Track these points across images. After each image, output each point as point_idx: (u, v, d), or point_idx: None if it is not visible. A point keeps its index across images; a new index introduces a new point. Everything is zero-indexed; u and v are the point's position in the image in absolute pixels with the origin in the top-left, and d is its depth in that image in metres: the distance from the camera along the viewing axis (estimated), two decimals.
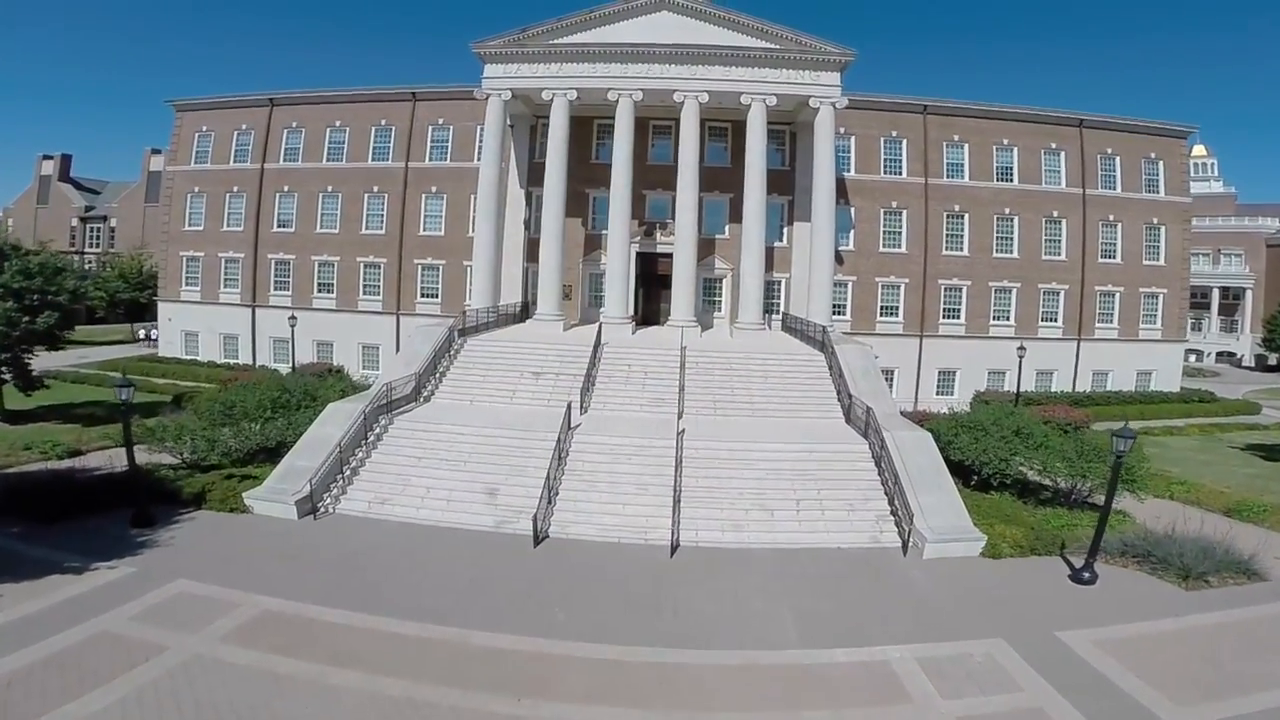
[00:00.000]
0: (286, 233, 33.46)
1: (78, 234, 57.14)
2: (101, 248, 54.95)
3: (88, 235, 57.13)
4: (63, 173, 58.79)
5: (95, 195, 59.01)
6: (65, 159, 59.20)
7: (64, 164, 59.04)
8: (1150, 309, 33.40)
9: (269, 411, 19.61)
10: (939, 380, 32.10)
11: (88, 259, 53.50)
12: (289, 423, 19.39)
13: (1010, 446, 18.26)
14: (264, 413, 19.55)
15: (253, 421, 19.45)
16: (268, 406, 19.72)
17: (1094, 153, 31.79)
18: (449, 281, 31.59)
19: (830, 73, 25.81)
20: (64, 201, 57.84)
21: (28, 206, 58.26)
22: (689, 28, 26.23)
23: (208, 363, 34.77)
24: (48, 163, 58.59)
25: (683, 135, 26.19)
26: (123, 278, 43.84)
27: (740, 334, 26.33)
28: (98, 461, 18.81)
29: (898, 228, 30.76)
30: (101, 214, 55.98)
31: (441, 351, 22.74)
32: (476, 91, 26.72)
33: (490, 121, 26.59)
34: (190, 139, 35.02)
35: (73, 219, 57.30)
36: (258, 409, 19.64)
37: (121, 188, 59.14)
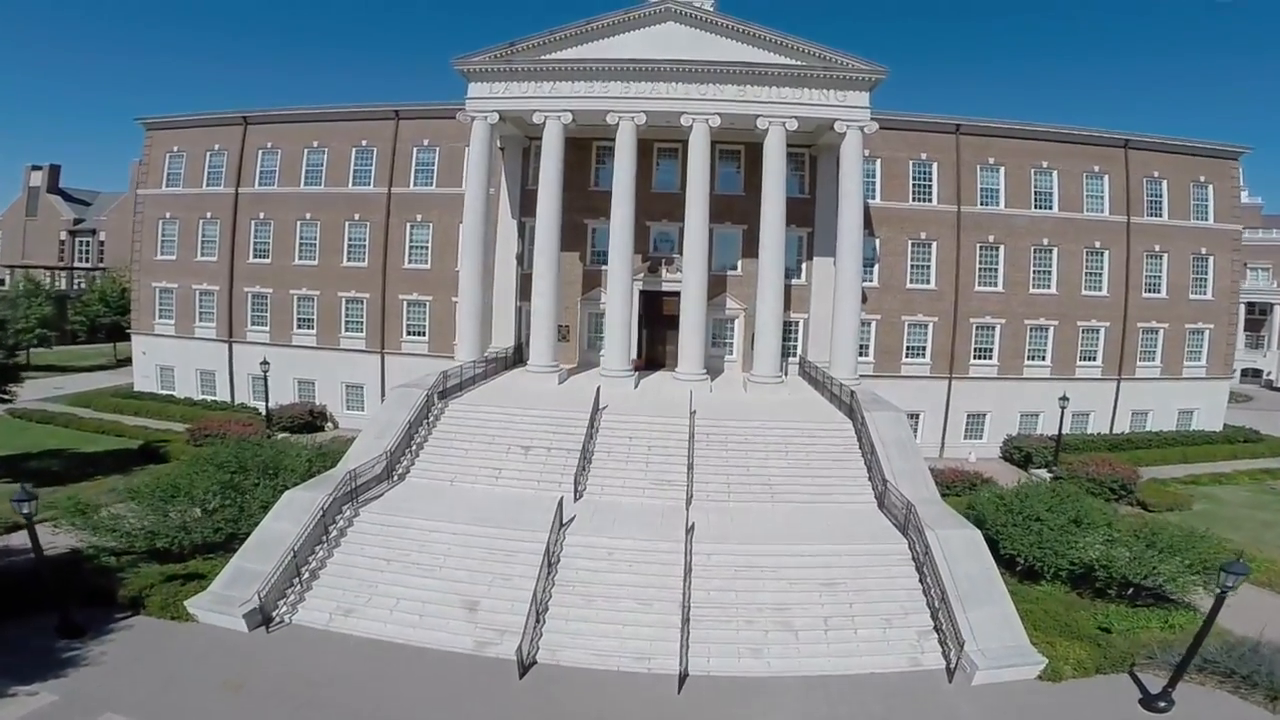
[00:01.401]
0: (263, 264, 29.79)
1: (66, 247, 53.47)
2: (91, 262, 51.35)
3: (77, 249, 53.47)
4: (51, 184, 54.99)
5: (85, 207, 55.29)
6: (54, 170, 55.37)
7: (52, 175, 55.21)
8: (1195, 345, 29.63)
9: (217, 498, 16.32)
10: (968, 423, 28.49)
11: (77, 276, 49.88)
12: (241, 509, 16.18)
13: (1069, 539, 15.30)
14: (212, 499, 16.27)
15: (198, 508, 16.10)
16: (216, 492, 16.41)
17: (1140, 176, 27.82)
18: (437, 318, 27.96)
19: (858, 92, 21.89)
20: (53, 214, 54.13)
21: (16, 218, 54.61)
22: (699, 41, 22.31)
23: (184, 399, 31.32)
24: (36, 173, 54.78)
25: (691, 163, 22.38)
26: (104, 301, 40.32)
27: (755, 388, 22.71)
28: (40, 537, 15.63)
29: (926, 261, 26.94)
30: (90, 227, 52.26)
31: (419, 419, 19.19)
32: (460, 114, 22.90)
33: (475, 147, 22.80)
34: (161, 160, 31.25)
35: (61, 232, 53.60)
36: (205, 495, 16.32)
37: (112, 199, 55.32)
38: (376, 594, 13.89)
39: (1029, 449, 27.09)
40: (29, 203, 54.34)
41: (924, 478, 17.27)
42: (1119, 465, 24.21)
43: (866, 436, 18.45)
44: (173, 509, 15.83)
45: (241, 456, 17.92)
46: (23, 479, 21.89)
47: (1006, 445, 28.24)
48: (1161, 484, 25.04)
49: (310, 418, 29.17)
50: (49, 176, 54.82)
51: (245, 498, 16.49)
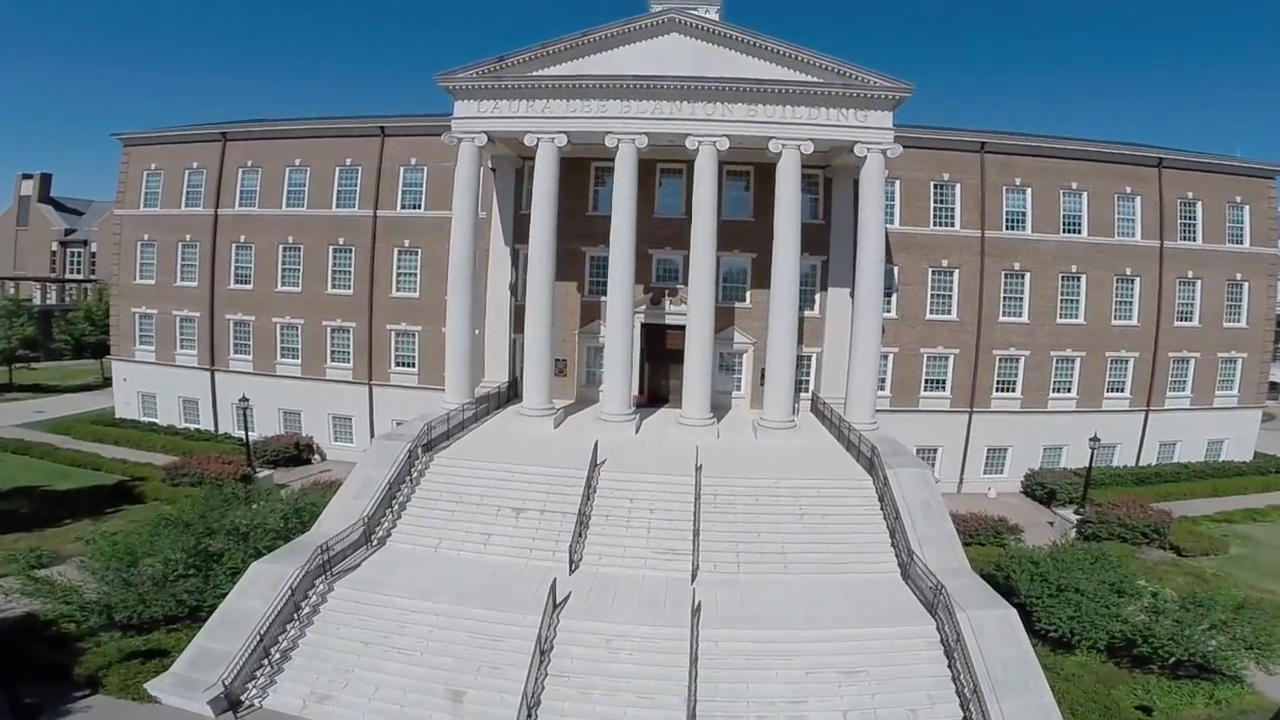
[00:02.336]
0: (244, 290, 27.55)
1: (58, 258, 51.21)
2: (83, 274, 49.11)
3: (68, 260, 51.19)
4: (42, 193, 52.66)
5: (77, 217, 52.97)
6: (45, 178, 53.00)
7: (44, 184, 52.86)
8: (1228, 374, 27.39)
9: (181, 565, 14.56)
10: (988, 458, 26.31)
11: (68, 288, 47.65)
12: (206, 578, 14.51)
13: (1109, 610, 14.05)
14: (175, 567, 14.50)
15: (158, 584, 14.26)
16: (179, 560, 14.62)
17: (1174, 198, 25.44)
18: (427, 349, 25.73)
19: (880, 111, 19.52)
20: (44, 224, 51.83)
21: (8, 228, 52.29)
22: (705, 55, 19.94)
23: (166, 428, 29.21)
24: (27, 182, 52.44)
25: (697, 191, 20.04)
26: (89, 319, 38.13)
27: (766, 435, 20.47)
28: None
29: (948, 290, 24.62)
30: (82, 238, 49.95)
31: (401, 476, 17.08)
32: (445, 136, 20.58)
33: (463, 173, 20.50)
34: (139, 177, 28.95)
35: (53, 243, 51.31)
36: (166, 565, 14.53)
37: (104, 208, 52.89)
38: (354, 679, 12.46)
39: (1052, 485, 24.97)
40: (20, 212, 52.06)
41: (952, 545, 15.28)
42: (1150, 507, 22.10)
43: (889, 498, 16.36)
44: (132, 579, 14.10)
45: (209, 518, 15.89)
46: None
47: (1028, 480, 26.10)
48: (1193, 523, 23.11)
49: (296, 450, 27.09)
50: (40, 185, 52.50)
51: (212, 566, 14.77)
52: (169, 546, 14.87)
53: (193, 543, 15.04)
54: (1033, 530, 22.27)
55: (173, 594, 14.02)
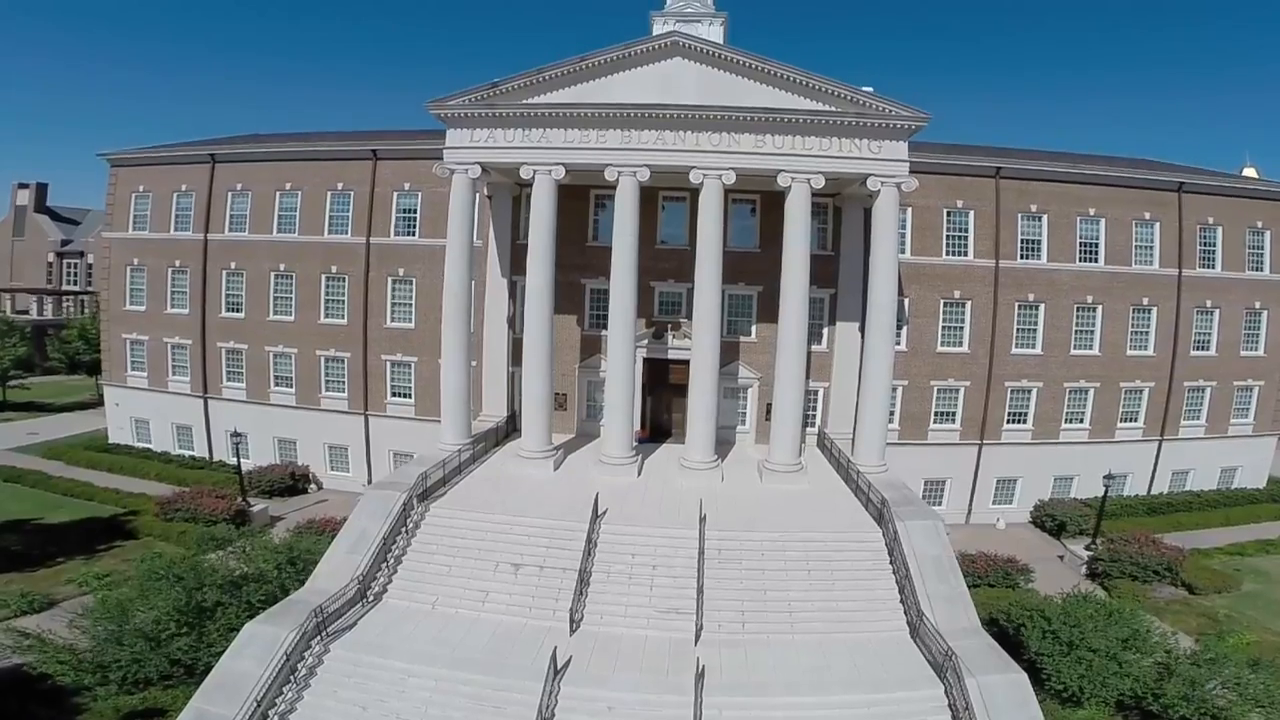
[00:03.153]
0: (236, 318, 26.38)
1: (54, 270, 49.89)
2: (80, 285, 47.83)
3: (65, 271, 49.88)
4: (38, 203, 51.25)
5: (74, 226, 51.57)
6: (41, 188, 51.52)
7: (39, 193, 51.41)
8: (1243, 402, 26.30)
9: (173, 625, 13.89)
10: (997, 489, 25.30)
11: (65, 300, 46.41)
12: (200, 636, 13.85)
13: (1122, 670, 13.53)
14: (168, 625, 13.85)
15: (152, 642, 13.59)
16: (172, 617, 13.93)
17: (1193, 223, 24.19)
18: (423, 380, 24.60)
19: (895, 142, 18.24)
20: (40, 234, 50.46)
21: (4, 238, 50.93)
22: (710, 81, 18.64)
23: (161, 454, 28.18)
24: (23, 192, 50.98)
25: (702, 226, 18.81)
26: (83, 338, 36.95)
27: (772, 479, 19.39)
28: None
29: (959, 322, 23.44)
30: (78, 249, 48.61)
31: (396, 528, 16.08)
32: (437, 167, 19.32)
33: (456, 206, 19.26)
34: (127, 200, 27.67)
35: (49, 254, 49.98)
36: (158, 625, 13.83)
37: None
38: None
39: (1062, 517, 24.00)
40: (16, 222, 50.67)
41: (964, 603, 14.45)
42: (1163, 544, 21.18)
43: (899, 552, 15.42)
44: (125, 638, 13.50)
45: (199, 572, 15.04)
46: None
47: (1038, 511, 25.11)
48: (1205, 556, 22.29)
49: (292, 480, 26.09)
50: (36, 195, 51.05)
51: (205, 622, 14.08)
52: (161, 602, 14.09)
53: (185, 599, 14.21)
54: (1042, 566, 21.37)
55: (166, 653, 13.36)
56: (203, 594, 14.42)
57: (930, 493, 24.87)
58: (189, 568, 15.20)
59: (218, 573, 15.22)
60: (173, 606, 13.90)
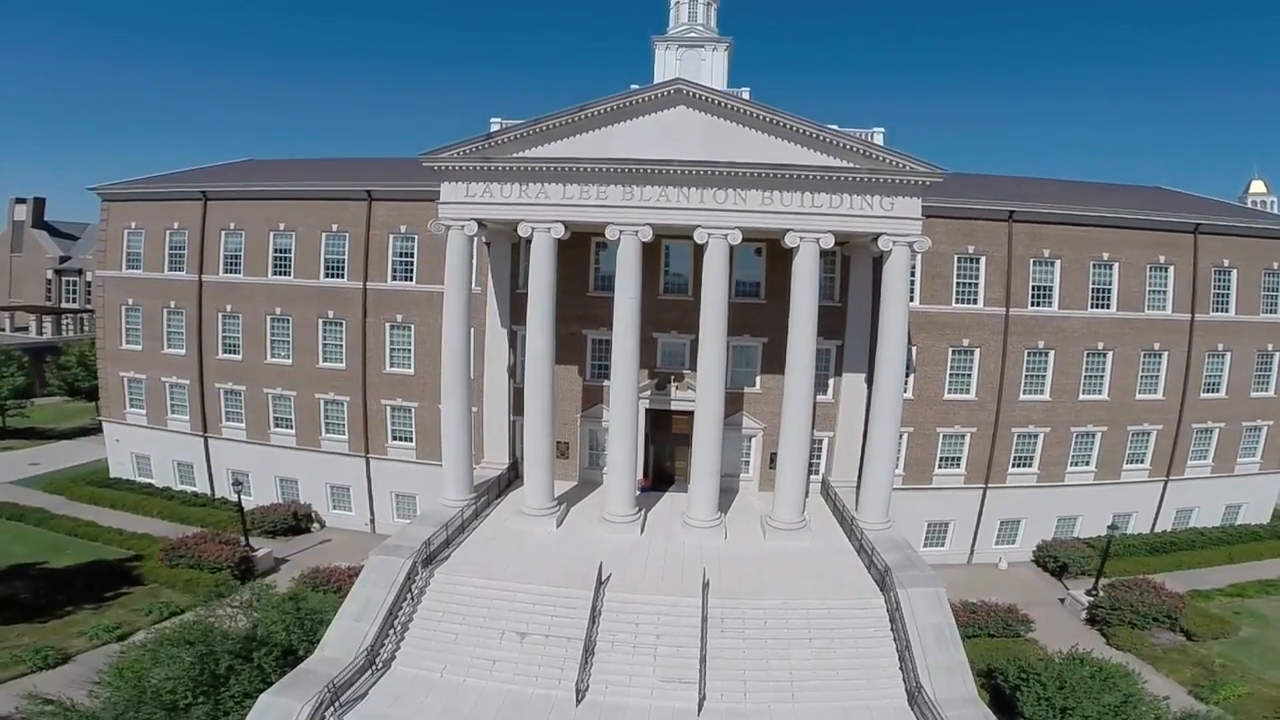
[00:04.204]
0: (234, 360, 25.50)
1: (53, 287, 48.75)
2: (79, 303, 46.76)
3: (64, 288, 48.75)
4: (36, 218, 49.91)
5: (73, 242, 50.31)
6: (39, 203, 50.16)
7: (37, 208, 50.05)
8: (1251, 442, 25.58)
9: (190, 695, 13.67)
10: (1000, 530, 24.68)
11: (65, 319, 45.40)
12: (216, 704, 13.68)
13: None
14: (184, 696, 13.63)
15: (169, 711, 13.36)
16: (189, 688, 13.66)
17: (1208, 266, 23.19)
18: (423, 425, 23.82)
19: (908, 198, 17.23)
20: (38, 251, 49.23)
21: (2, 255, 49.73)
22: (716, 132, 17.56)
23: (163, 490, 27.53)
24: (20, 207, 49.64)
25: (706, 285, 17.88)
26: (82, 364, 36.03)
27: (775, 536, 18.77)
28: None
29: (968, 369, 22.57)
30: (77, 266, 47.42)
31: (401, 595, 15.77)
32: (431, 225, 18.31)
33: (453, 262, 18.32)
34: (119, 237, 26.61)
35: (48, 271, 48.81)
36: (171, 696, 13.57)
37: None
38: None
39: (1064, 558, 23.46)
40: (14, 238, 49.39)
41: (963, 673, 14.48)
42: (1164, 591, 20.73)
43: (900, 620, 15.21)
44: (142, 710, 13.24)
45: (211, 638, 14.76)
46: None
47: (1040, 551, 24.55)
48: (1205, 598, 21.96)
49: (295, 520, 25.47)
50: (34, 210, 49.69)
51: (219, 689, 13.86)
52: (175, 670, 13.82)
53: (198, 667, 13.97)
54: (1043, 610, 20.98)
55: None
56: (215, 659, 14.22)
57: (933, 535, 24.31)
58: (201, 632, 14.96)
59: (229, 638, 14.97)
60: (187, 675, 13.63)
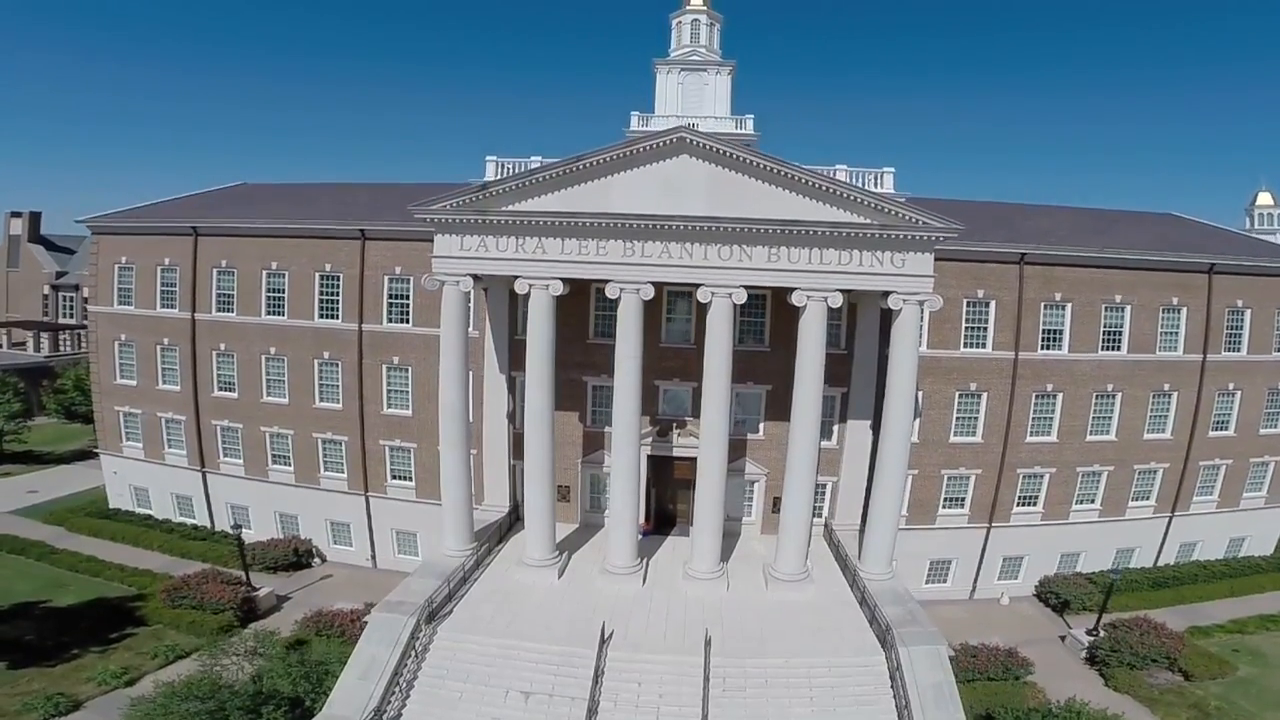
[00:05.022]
0: (230, 398, 24.82)
1: (50, 302, 47.82)
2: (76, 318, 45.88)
3: (60, 304, 47.82)
4: (32, 233, 48.81)
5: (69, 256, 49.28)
6: (34, 217, 48.98)
7: (33, 222, 48.90)
8: (1258, 477, 25.03)
9: None
10: (1003, 566, 24.24)
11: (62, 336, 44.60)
12: None
13: None
14: None
15: None
16: None
17: (1222, 307, 22.41)
18: (423, 465, 23.24)
19: (920, 254, 16.47)
20: (35, 265, 48.23)
21: None
22: (721, 183, 16.73)
23: (162, 522, 27.05)
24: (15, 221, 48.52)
25: (710, 343, 17.14)
26: (79, 388, 35.33)
27: (778, 588, 18.34)
28: None
29: (974, 413, 21.93)
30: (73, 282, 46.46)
31: (405, 653, 15.48)
32: (425, 280, 17.52)
33: (448, 317, 17.58)
34: (110, 271, 25.76)
35: (44, 286, 47.86)
36: None
37: None
38: None
39: (1066, 595, 23.10)
40: (10, 253, 48.36)
41: None
42: (1165, 631, 20.40)
43: (901, 679, 15.02)
44: None
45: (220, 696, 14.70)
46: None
47: (1042, 587, 24.16)
48: (1204, 635, 21.67)
49: (295, 556, 25.02)
50: (29, 224, 48.57)
51: None
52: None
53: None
54: (1043, 649, 20.69)
55: None
56: (225, 715, 14.12)
57: (935, 572, 23.90)
58: (209, 687, 14.92)
59: (237, 694, 14.84)
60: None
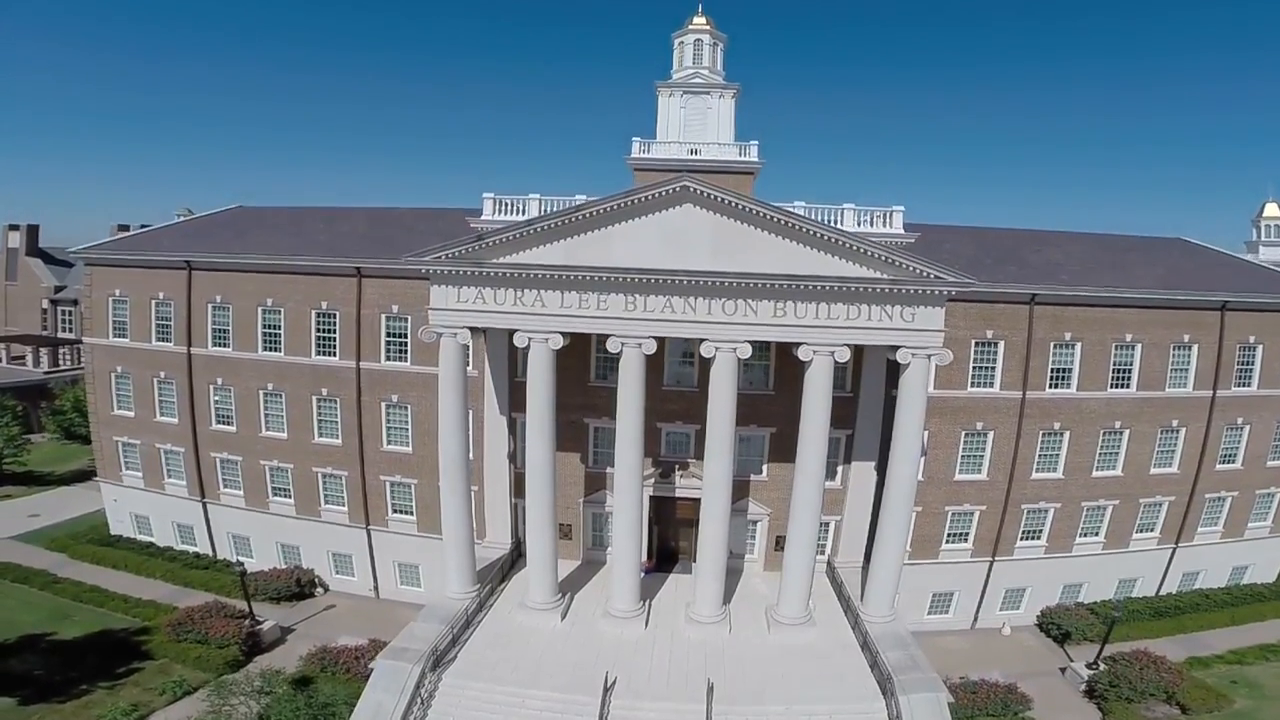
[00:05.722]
0: (228, 431, 24.42)
1: (49, 317, 47.24)
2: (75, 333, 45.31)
3: (59, 319, 47.23)
4: (30, 246, 48.06)
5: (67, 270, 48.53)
6: (32, 230, 48.17)
7: (31, 235, 48.13)
8: (1263, 508, 24.68)
9: None
10: (1005, 596, 23.99)
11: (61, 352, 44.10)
12: None
13: None
14: None
15: None
16: None
17: (1233, 343, 21.84)
18: (424, 499, 22.89)
19: (931, 309, 15.92)
20: (33, 279, 47.59)
21: None
22: (725, 233, 16.16)
23: (164, 550, 26.79)
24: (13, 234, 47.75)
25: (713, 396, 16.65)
26: (77, 409, 34.89)
27: (780, 631, 18.14)
28: None
29: (980, 451, 21.50)
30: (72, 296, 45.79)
31: (412, 701, 15.33)
32: (422, 333, 17.00)
33: (446, 369, 17.11)
34: (104, 304, 25.20)
35: (43, 300, 47.25)
36: None
37: None
38: None
39: (1068, 626, 22.87)
40: (8, 266, 47.67)
41: None
42: (1164, 666, 20.20)
43: None
44: None
45: None
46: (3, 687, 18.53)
47: (1044, 617, 23.92)
48: (1204, 666, 21.50)
49: (298, 586, 24.78)
50: (27, 237, 47.80)
51: None
52: None
53: None
54: (1043, 683, 20.53)
55: None
56: None
57: (938, 603, 23.66)
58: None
59: None
60: None
